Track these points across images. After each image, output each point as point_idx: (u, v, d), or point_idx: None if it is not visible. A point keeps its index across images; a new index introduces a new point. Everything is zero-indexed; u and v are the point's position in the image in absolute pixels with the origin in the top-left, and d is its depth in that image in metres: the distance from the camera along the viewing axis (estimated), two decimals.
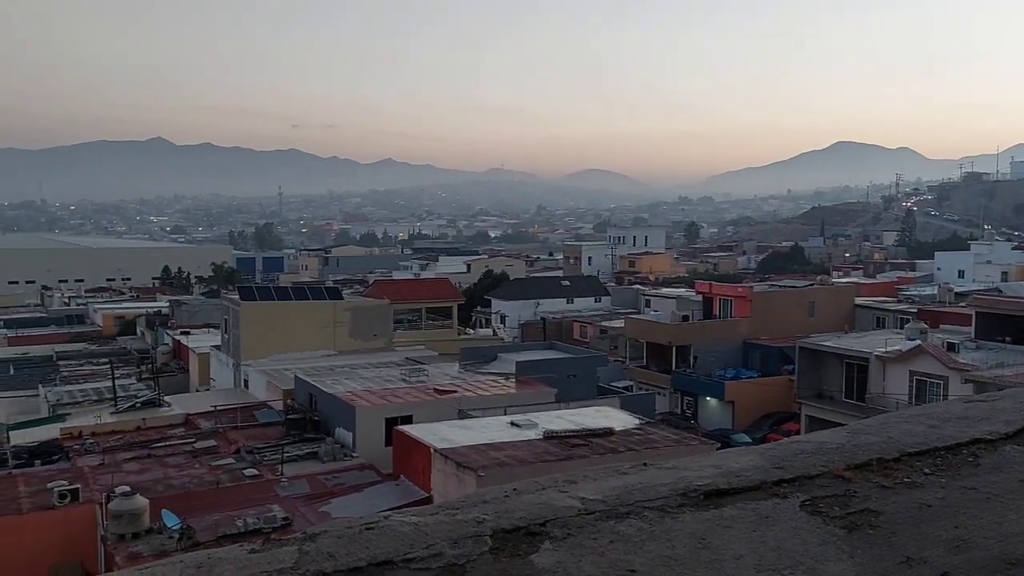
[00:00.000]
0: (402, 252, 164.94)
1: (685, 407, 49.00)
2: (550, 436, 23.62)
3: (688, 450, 22.49)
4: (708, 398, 48.37)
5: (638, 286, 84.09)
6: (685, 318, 53.56)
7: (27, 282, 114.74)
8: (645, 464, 2.99)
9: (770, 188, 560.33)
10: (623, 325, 57.52)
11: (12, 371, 49.80)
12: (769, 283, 65.91)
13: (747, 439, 39.33)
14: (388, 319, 46.23)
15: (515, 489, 2.77)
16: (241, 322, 42.17)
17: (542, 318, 65.47)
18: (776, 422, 44.65)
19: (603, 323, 63.65)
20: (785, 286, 60.04)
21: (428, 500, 20.69)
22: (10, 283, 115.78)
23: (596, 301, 74.04)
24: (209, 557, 2.56)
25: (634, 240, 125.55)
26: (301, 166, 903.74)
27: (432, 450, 22.56)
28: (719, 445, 23.68)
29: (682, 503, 2.55)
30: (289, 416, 31.97)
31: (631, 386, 46.51)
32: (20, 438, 33.74)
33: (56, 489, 22.62)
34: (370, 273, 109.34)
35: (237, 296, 45.48)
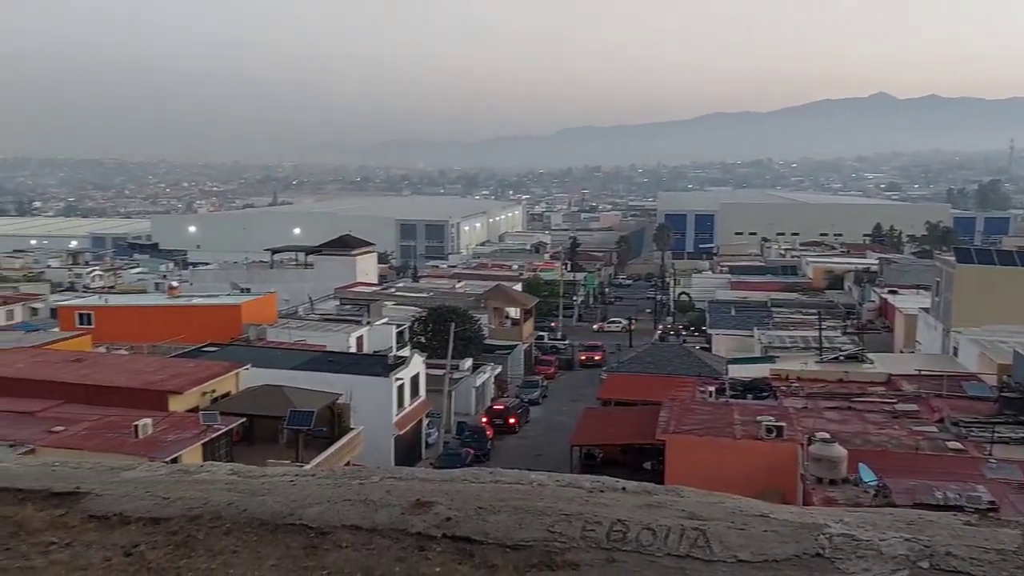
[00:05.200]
0: None
1: None
2: None
3: None
4: None
5: None
6: None
7: (750, 233, 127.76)
8: None
9: None
10: None
11: (733, 312, 56.92)
12: None
13: None
14: None
15: None
16: (955, 286, 40.27)
17: None
18: None
19: None
20: None
21: None
22: (736, 234, 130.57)
23: None
24: (920, 517, 2.61)
25: None
26: None
27: None
28: None
29: None
30: (1003, 393, 29.19)
31: None
32: (736, 372, 38.43)
33: (764, 423, 25.01)
34: None
35: (952, 258, 43.74)
